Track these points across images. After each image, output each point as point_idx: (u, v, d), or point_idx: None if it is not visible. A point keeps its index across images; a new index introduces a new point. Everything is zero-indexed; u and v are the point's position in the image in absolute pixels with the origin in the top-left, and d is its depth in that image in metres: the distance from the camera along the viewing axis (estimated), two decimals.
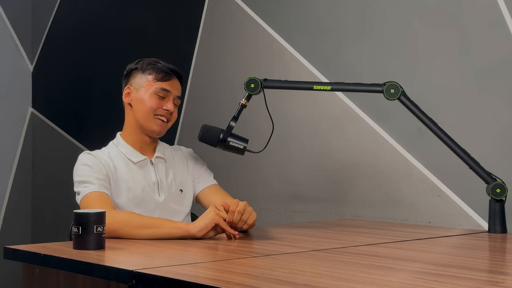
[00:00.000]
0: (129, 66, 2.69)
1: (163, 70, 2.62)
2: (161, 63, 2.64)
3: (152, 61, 2.65)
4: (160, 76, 2.61)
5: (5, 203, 4.53)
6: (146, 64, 2.64)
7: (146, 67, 2.63)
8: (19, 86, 4.59)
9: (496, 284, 1.73)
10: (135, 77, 2.64)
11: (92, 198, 2.43)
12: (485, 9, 2.77)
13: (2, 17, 4.51)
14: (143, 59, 2.68)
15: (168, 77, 2.62)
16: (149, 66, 2.63)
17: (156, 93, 2.60)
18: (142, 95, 2.61)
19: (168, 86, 2.61)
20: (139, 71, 2.63)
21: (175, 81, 2.65)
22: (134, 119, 2.62)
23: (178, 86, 2.67)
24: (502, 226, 2.57)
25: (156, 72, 2.62)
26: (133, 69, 2.65)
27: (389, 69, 3.02)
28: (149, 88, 2.60)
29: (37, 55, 4.60)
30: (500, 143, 2.75)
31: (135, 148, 2.62)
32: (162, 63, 2.65)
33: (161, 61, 2.66)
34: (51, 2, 4.49)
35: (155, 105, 2.59)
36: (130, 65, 2.69)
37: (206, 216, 2.34)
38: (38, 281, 2.14)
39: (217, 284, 1.66)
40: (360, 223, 2.91)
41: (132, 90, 2.63)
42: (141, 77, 2.63)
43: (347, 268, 1.93)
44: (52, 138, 4.51)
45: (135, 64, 2.67)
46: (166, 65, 2.64)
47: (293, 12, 3.34)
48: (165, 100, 2.61)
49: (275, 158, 3.37)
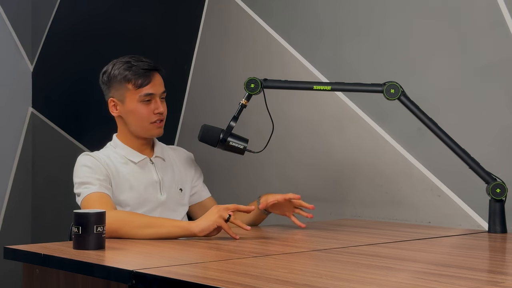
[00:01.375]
0: (104, 72, 2.60)
1: (140, 74, 2.54)
2: (135, 65, 2.55)
3: (126, 65, 2.56)
4: (140, 81, 2.54)
5: (5, 203, 4.53)
6: (122, 70, 2.55)
7: (122, 73, 2.55)
8: (19, 86, 4.59)
9: (496, 284, 1.73)
10: (114, 88, 2.57)
11: (93, 199, 2.43)
12: (485, 9, 2.77)
13: (2, 17, 4.51)
14: (116, 62, 2.59)
15: (148, 79, 2.56)
16: (125, 73, 2.55)
17: (141, 100, 2.55)
18: (129, 107, 2.56)
19: (151, 89, 2.56)
20: (117, 80, 2.56)
21: (155, 78, 2.58)
22: (128, 129, 2.60)
23: (160, 81, 2.60)
24: (502, 226, 2.57)
25: (134, 79, 2.54)
26: (110, 77, 2.57)
27: (389, 69, 3.02)
28: (133, 97, 2.55)
29: (37, 55, 4.60)
30: (500, 143, 2.75)
31: (133, 149, 2.62)
32: (136, 63, 2.56)
33: (134, 61, 2.57)
34: (51, 2, 4.49)
35: (146, 113, 2.56)
36: (105, 69, 2.60)
37: (209, 218, 2.33)
38: (38, 281, 2.14)
39: (217, 284, 1.66)
40: (360, 223, 2.91)
41: (117, 102, 2.58)
42: (121, 87, 2.56)
43: (347, 268, 1.93)
44: (52, 138, 4.51)
45: (111, 69, 2.58)
46: (141, 66, 2.56)
47: (293, 12, 3.34)
48: (153, 102, 2.56)
49: (275, 158, 3.37)
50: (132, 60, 2.58)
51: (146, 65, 2.57)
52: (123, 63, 2.58)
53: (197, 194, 2.74)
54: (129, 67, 2.56)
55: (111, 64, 2.60)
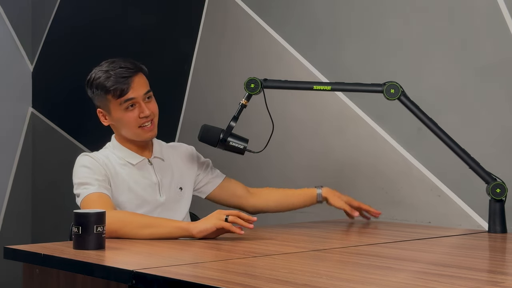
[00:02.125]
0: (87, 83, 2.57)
1: (118, 82, 2.50)
2: (112, 74, 2.51)
3: (105, 76, 2.52)
4: (119, 92, 2.51)
5: (5, 203, 4.53)
6: (102, 80, 2.52)
7: (102, 85, 2.52)
8: (19, 86, 4.59)
9: (496, 284, 1.73)
10: (99, 100, 2.56)
11: (92, 200, 2.43)
12: (485, 9, 2.77)
13: (2, 17, 4.51)
14: (96, 72, 2.55)
15: (126, 85, 2.51)
16: (105, 83, 2.51)
17: (125, 108, 2.53)
18: (115, 116, 2.55)
19: (131, 94, 2.52)
20: (99, 92, 2.54)
21: (135, 82, 2.53)
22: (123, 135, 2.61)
23: (141, 83, 2.55)
24: (502, 226, 2.57)
25: (113, 90, 2.51)
26: (94, 87, 2.54)
27: (389, 69, 3.02)
28: (116, 107, 2.53)
29: (37, 55, 4.60)
30: (500, 143, 2.75)
31: (132, 150, 2.62)
32: (114, 70, 2.51)
33: (112, 68, 2.52)
34: (51, 3, 4.49)
35: (132, 119, 2.54)
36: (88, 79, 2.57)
37: (209, 220, 2.34)
38: (38, 281, 2.14)
39: (217, 284, 1.66)
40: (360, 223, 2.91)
41: (104, 113, 2.58)
42: (103, 98, 2.54)
43: (347, 268, 1.93)
44: (52, 138, 4.51)
45: (92, 79, 2.55)
46: (119, 74, 2.51)
47: (293, 12, 3.34)
48: (137, 106, 2.54)
49: (275, 158, 3.36)
50: (110, 69, 2.54)
51: (124, 72, 2.52)
52: (102, 72, 2.54)
53: (210, 182, 2.75)
54: (107, 78, 2.52)
55: (93, 73, 2.57)
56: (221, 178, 2.78)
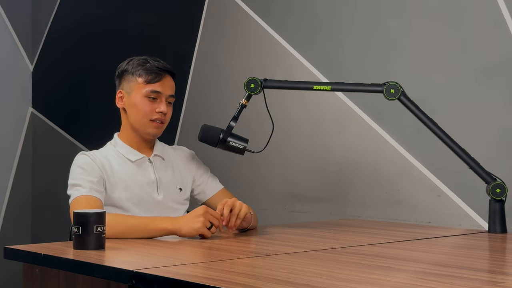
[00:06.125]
0: (120, 67, 2.65)
1: (153, 71, 2.58)
2: (150, 63, 2.59)
3: (142, 61, 2.61)
4: (150, 77, 2.57)
5: (5, 203, 4.53)
6: (136, 65, 2.60)
7: (135, 68, 2.59)
8: (19, 86, 4.59)
9: (496, 284, 1.73)
10: (125, 80, 2.61)
11: (80, 202, 2.43)
12: (485, 9, 2.77)
13: (2, 17, 4.51)
14: (133, 58, 2.64)
15: (158, 77, 2.58)
16: (139, 68, 2.59)
17: (147, 96, 2.57)
18: (134, 99, 2.58)
19: (159, 87, 2.58)
20: (129, 73, 2.60)
21: (166, 80, 2.61)
22: (130, 123, 2.62)
23: (170, 84, 2.63)
24: (502, 226, 2.57)
25: (145, 74, 2.58)
26: (124, 70, 2.62)
27: (389, 69, 3.02)
28: (140, 91, 2.57)
29: (37, 55, 4.60)
30: (500, 143, 2.75)
31: (133, 147, 2.62)
32: (152, 62, 2.60)
33: (151, 60, 2.61)
34: (51, 2, 4.49)
35: (148, 109, 2.57)
36: (121, 64, 2.65)
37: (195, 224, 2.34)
38: (38, 281, 2.14)
39: (217, 284, 1.66)
40: (360, 223, 2.91)
41: (124, 94, 2.61)
42: (131, 79, 2.59)
43: (347, 268, 1.93)
44: (52, 138, 4.51)
45: (126, 64, 2.63)
46: (156, 65, 2.60)
47: (293, 12, 3.34)
48: (158, 101, 2.58)
49: (275, 158, 3.37)
50: (149, 58, 2.62)
51: (161, 65, 2.61)
52: (140, 59, 2.62)
53: (206, 190, 2.73)
54: (144, 63, 2.60)
55: (128, 59, 2.65)
56: (217, 189, 2.75)
